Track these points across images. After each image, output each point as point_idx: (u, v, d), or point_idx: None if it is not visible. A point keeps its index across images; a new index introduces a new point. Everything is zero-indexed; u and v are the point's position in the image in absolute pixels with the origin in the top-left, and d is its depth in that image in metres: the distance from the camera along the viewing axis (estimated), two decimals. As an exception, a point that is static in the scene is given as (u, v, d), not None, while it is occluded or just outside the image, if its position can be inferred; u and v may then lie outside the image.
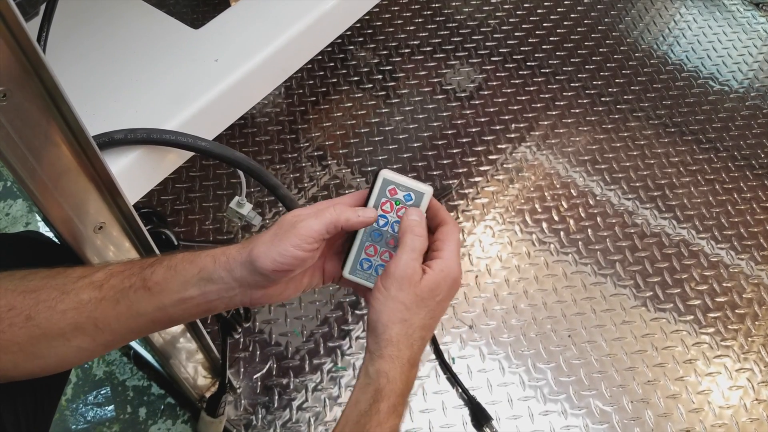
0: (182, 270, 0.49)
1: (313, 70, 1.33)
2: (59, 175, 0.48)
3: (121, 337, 0.52)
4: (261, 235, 0.49)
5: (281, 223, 0.49)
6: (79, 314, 0.49)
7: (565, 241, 1.08)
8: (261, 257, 0.47)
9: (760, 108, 1.30)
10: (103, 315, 0.49)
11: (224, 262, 0.48)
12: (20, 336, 0.49)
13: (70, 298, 0.49)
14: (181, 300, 0.49)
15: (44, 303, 0.49)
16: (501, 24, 1.42)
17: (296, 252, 0.47)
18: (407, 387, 0.50)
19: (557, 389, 0.93)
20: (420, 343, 0.51)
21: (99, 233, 0.55)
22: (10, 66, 0.40)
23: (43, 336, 0.49)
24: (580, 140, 1.22)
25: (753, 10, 1.49)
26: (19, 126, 0.43)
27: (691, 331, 0.99)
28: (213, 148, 0.56)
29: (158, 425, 0.99)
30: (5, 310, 0.48)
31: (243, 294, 0.49)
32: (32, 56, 0.40)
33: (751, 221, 1.13)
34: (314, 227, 0.47)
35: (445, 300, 0.52)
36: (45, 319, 0.49)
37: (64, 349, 0.51)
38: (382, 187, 0.52)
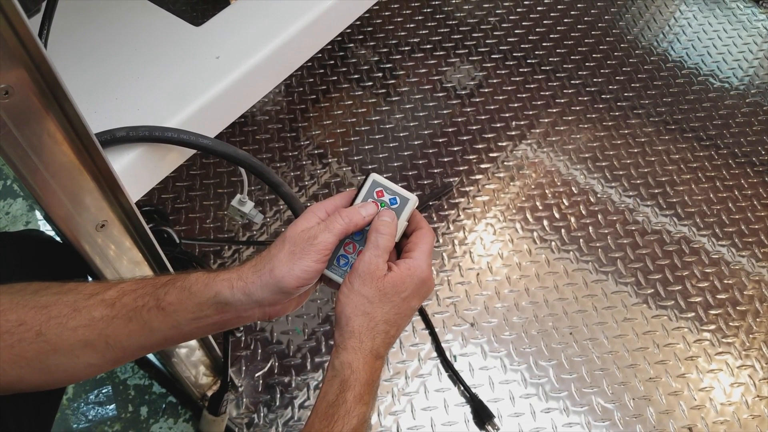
0: (197, 292, 0.49)
1: (313, 68, 1.33)
2: (61, 173, 0.48)
3: (131, 353, 0.52)
4: (275, 255, 0.49)
5: (293, 240, 0.49)
6: (90, 331, 0.49)
7: (566, 239, 1.08)
8: (286, 277, 0.48)
9: (761, 105, 1.30)
10: (114, 333, 0.49)
11: (242, 287, 0.49)
12: (29, 351, 0.49)
13: (81, 315, 0.49)
14: (196, 319, 0.50)
15: (55, 319, 0.49)
16: (501, 21, 1.42)
17: (318, 266, 0.49)
18: (372, 377, 0.51)
19: (559, 386, 0.93)
20: (383, 337, 0.52)
21: (101, 231, 0.54)
22: (12, 63, 0.40)
23: (53, 351, 0.49)
24: (581, 138, 1.22)
25: (753, 6, 1.49)
26: (21, 123, 0.43)
27: (693, 328, 0.99)
28: (215, 146, 0.56)
29: (160, 424, 0.99)
30: (16, 324, 0.48)
31: (260, 312, 0.51)
32: (34, 53, 0.40)
33: (751, 218, 1.13)
34: (330, 240, 0.49)
35: (411, 298, 0.53)
36: (55, 335, 0.49)
37: (73, 365, 0.51)
38: (370, 189, 0.54)
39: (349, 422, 0.49)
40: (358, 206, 0.52)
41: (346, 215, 0.51)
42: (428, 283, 0.54)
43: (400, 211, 0.53)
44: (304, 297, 0.54)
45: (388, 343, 0.53)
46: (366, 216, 0.52)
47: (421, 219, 0.57)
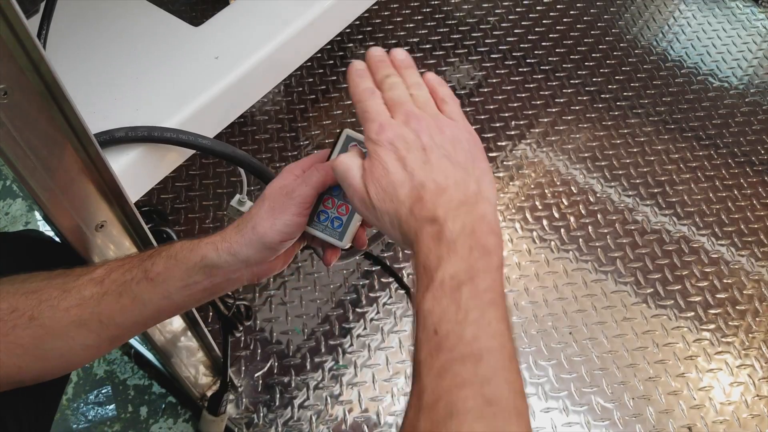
0: (183, 258, 0.49)
1: (312, 68, 1.33)
2: (60, 173, 0.48)
3: (126, 330, 0.52)
4: (256, 213, 0.50)
5: (272, 196, 0.50)
6: (82, 310, 0.49)
7: (565, 239, 1.08)
8: (269, 232, 0.48)
9: (760, 104, 1.30)
10: (106, 309, 0.49)
11: (227, 247, 0.49)
12: (24, 337, 0.49)
13: (72, 295, 0.49)
14: (186, 286, 0.50)
15: (46, 302, 0.49)
16: (500, 21, 1.42)
17: (298, 219, 0.49)
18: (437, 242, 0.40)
19: (558, 386, 0.93)
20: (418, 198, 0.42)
21: (100, 232, 0.54)
22: (11, 64, 0.40)
23: (48, 335, 0.49)
24: (580, 137, 1.22)
25: (752, 6, 1.49)
26: (20, 124, 0.43)
27: (692, 327, 0.99)
28: (214, 146, 0.56)
29: (159, 424, 0.99)
30: (8, 312, 0.48)
31: (248, 272, 0.51)
32: (33, 53, 0.40)
33: (751, 218, 1.13)
34: (308, 193, 0.49)
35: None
36: (48, 318, 0.49)
37: (69, 348, 0.50)
38: (344, 143, 0.54)
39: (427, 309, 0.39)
40: (333, 159, 0.52)
41: (323, 168, 0.51)
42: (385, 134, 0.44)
43: None
44: (288, 255, 0.54)
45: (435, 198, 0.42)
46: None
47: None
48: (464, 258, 0.39)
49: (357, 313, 0.99)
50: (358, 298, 1.01)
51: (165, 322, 0.75)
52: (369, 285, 1.02)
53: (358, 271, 1.04)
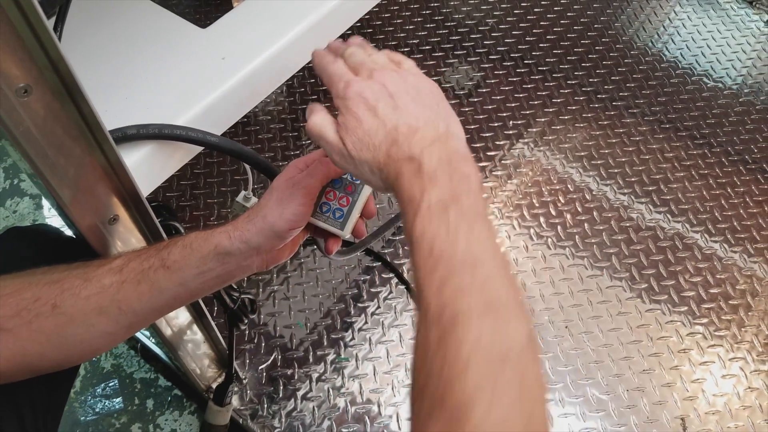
0: (198, 247, 0.52)
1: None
2: (75, 168, 0.50)
3: (143, 317, 0.55)
4: (265, 204, 0.53)
5: (279, 188, 0.53)
6: (102, 298, 0.51)
7: (561, 235, 1.11)
8: (278, 221, 0.52)
9: (753, 104, 1.32)
10: (125, 297, 0.52)
11: (239, 235, 0.52)
12: (47, 325, 0.51)
13: (92, 284, 0.51)
14: (200, 273, 0.52)
15: (68, 291, 0.51)
16: (499, 23, 1.45)
17: (304, 209, 0.53)
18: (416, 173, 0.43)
19: (555, 378, 0.95)
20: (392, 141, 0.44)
21: (113, 225, 0.57)
22: (32, 63, 0.42)
23: (69, 323, 0.51)
24: (577, 137, 1.25)
25: (747, 8, 1.52)
26: (39, 121, 0.45)
27: (686, 321, 1.02)
28: (222, 143, 0.58)
29: (165, 416, 1.01)
30: (32, 301, 0.50)
31: (259, 259, 0.54)
32: (53, 53, 0.42)
33: (744, 215, 1.15)
34: (313, 184, 0.53)
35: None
36: (70, 306, 0.51)
37: (89, 335, 0.53)
38: None
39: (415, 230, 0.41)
40: None
41: (325, 162, 0.54)
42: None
43: None
44: (294, 244, 0.57)
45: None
46: None
47: None
48: (445, 184, 0.42)
49: (358, 307, 1.02)
50: (360, 293, 1.03)
51: (172, 315, 0.78)
52: (370, 280, 1.05)
53: (359, 267, 1.06)
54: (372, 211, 0.62)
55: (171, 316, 0.78)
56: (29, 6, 0.39)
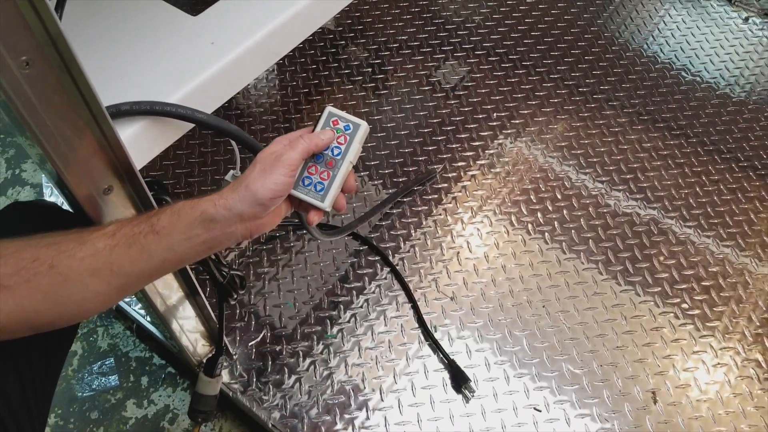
0: (185, 214, 0.56)
1: (306, 64, 1.40)
2: (73, 139, 0.55)
3: (134, 280, 0.59)
4: (248, 175, 0.58)
5: (263, 160, 0.58)
6: (95, 260, 0.56)
7: (541, 221, 1.15)
8: (260, 190, 0.56)
9: (730, 97, 1.37)
10: (117, 260, 0.56)
11: (223, 203, 0.56)
12: (44, 284, 0.55)
13: (87, 247, 0.56)
14: (187, 239, 0.56)
15: (65, 252, 0.55)
16: (485, 20, 1.50)
17: (286, 179, 0.57)
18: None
19: (531, 354, 1.00)
20: None
21: (107, 195, 0.61)
22: (33, 37, 0.47)
23: (64, 282, 0.56)
24: (558, 128, 1.30)
25: (726, 5, 1.57)
26: (39, 92, 0.50)
27: (659, 302, 1.06)
28: (209, 120, 0.63)
29: (159, 392, 1.05)
30: (30, 260, 0.55)
31: (242, 227, 0.58)
32: (52, 29, 0.47)
33: (717, 201, 1.20)
34: (294, 156, 0.58)
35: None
36: (66, 267, 0.55)
37: (83, 295, 0.57)
38: (327, 118, 0.63)
39: None
40: (317, 132, 0.61)
41: (308, 137, 0.60)
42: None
43: (353, 135, 0.63)
44: (276, 215, 0.61)
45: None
46: (324, 139, 0.61)
47: None
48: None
49: (345, 288, 1.06)
50: (346, 275, 1.08)
51: (167, 292, 0.82)
52: (356, 263, 1.09)
53: (346, 251, 1.11)
54: (351, 186, 0.66)
55: (166, 294, 0.82)
56: (31, -15, 0.44)
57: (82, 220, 0.63)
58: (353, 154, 0.64)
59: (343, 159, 0.64)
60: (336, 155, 0.63)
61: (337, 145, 0.64)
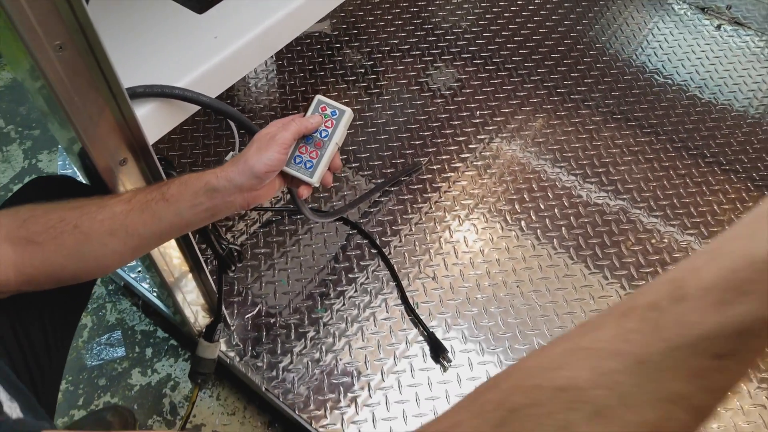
0: (192, 184, 0.66)
1: (303, 65, 1.50)
2: (96, 116, 0.64)
3: (146, 240, 0.68)
4: (246, 152, 0.67)
5: (259, 140, 0.67)
6: (113, 222, 0.65)
7: (518, 209, 1.24)
8: (257, 164, 0.65)
9: (699, 98, 1.46)
10: (131, 222, 0.65)
11: (224, 175, 0.66)
12: (69, 241, 0.64)
13: (106, 210, 0.65)
14: (193, 206, 0.66)
15: (87, 215, 0.65)
16: (471, 26, 1.60)
17: (279, 156, 0.66)
18: None
19: (504, 329, 1.08)
20: None
21: (123, 166, 0.71)
22: (66, 25, 0.56)
23: (86, 240, 0.65)
24: (536, 125, 1.39)
25: (699, 14, 1.66)
26: (70, 73, 0.59)
27: (625, 284, 1.15)
28: (212, 103, 0.72)
29: (162, 362, 1.14)
30: (57, 221, 0.64)
31: (241, 197, 0.67)
32: (82, 18, 0.56)
33: (683, 193, 1.29)
34: (287, 136, 0.67)
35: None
36: (87, 227, 0.64)
37: (102, 252, 0.66)
38: (316, 105, 0.73)
39: None
40: (308, 116, 0.70)
41: (299, 120, 0.69)
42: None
43: (339, 119, 0.73)
44: (271, 188, 0.70)
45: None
46: (313, 122, 0.71)
47: None
48: None
49: (335, 268, 1.15)
50: (337, 257, 1.17)
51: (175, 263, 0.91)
52: (346, 246, 1.18)
53: (337, 235, 1.20)
54: (337, 165, 0.76)
55: (173, 265, 0.91)
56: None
57: (96, 190, 0.73)
58: (339, 136, 0.73)
59: (330, 140, 0.73)
60: (324, 137, 0.73)
61: (324, 129, 0.73)
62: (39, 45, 0.55)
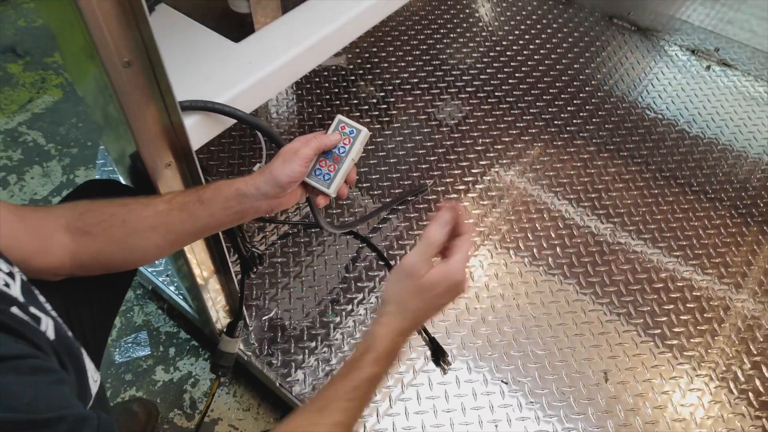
0: (224, 190, 0.76)
1: (321, 94, 1.62)
2: (150, 123, 0.75)
3: (183, 236, 0.78)
4: (272, 163, 0.76)
5: (284, 153, 0.76)
6: (155, 219, 0.75)
7: (516, 230, 1.34)
8: (280, 175, 0.74)
9: (687, 132, 1.57)
10: (171, 220, 0.75)
11: (252, 183, 0.75)
12: (118, 233, 0.74)
13: (150, 208, 0.75)
14: (224, 209, 0.76)
15: (134, 211, 0.75)
16: (476, 63, 1.72)
17: (301, 168, 0.75)
18: (392, 347, 0.66)
19: (501, 337, 1.17)
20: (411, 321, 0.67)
21: (167, 169, 0.82)
22: (134, 43, 0.67)
23: (132, 234, 0.75)
24: (534, 153, 1.50)
25: (689, 56, 1.79)
26: (133, 86, 0.71)
27: (615, 299, 1.24)
28: (246, 117, 0.83)
29: (184, 361, 1.23)
30: (109, 215, 0.74)
31: (266, 203, 0.76)
32: (148, 39, 0.68)
33: (671, 219, 1.38)
34: (308, 152, 0.76)
35: (443, 296, 0.67)
36: (134, 222, 0.75)
37: (146, 245, 0.76)
38: (336, 124, 0.82)
39: (360, 375, 0.65)
40: (328, 134, 0.80)
41: (320, 138, 0.78)
42: (461, 285, 0.66)
43: (356, 138, 0.81)
44: (293, 197, 0.79)
45: (414, 326, 0.68)
46: (333, 139, 0.79)
47: (466, 226, 0.69)
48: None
49: (345, 278, 1.25)
50: (347, 268, 1.27)
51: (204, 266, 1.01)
52: (356, 257, 1.28)
53: (348, 248, 1.30)
54: (352, 179, 0.86)
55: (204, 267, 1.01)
56: (138, 6, 0.65)
57: (139, 192, 0.83)
58: (355, 153, 0.84)
59: (347, 156, 0.83)
60: (341, 153, 0.83)
61: (342, 145, 0.83)
62: (111, 61, 0.67)
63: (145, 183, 0.82)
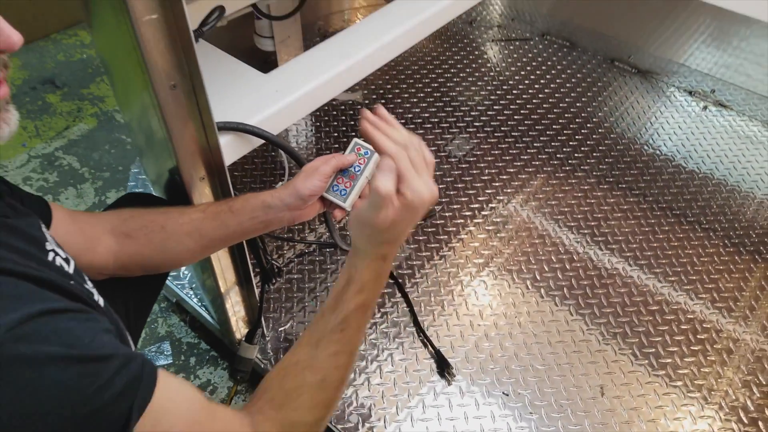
0: (251, 201, 0.85)
1: (337, 126, 1.73)
2: (189, 141, 0.85)
3: (214, 242, 0.86)
4: (295, 179, 0.85)
5: (306, 170, 0.85)
6: (190, 226, 0.84)
7: (518, 253, 1.42)
8: (302, 188, 0.83)
9: (683, 167, 1.66)
10: (204, 227, 0.84)
11: (277, 195, 0.85)
12: (156, 238, 0.84)
13: (185, 216, 0.85)
14: (252, 218, 0.85)
15: (171, 219, 0.84)
16: (483, 100, 1.84)
17: (320, 183, 0.84)
18: (374, 275, 0.68)
19: (502, 351, 1.24)
20: (388, 244, 0.67)
21: (201, 182, 0.91)
22: (180, 68, 0.78)
23: (169, 239, 0.84)
24: (536, 184, 1.59)
25: (686, 96, 1.89)
26: (177, 107, 0.81)
27: (612, 320, 1.31)
28: (273, 138, 0.93)
29: (203, 370, 1.31)
30: (149, 221, 0.84)
31: (289, 214, 0.85)
32: (192, 65, 0.78)
33: (666, 247, 1.46)
34: (327, 169, 0.85)
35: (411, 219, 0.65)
36: (171, 228, 0.84)
37: (180, 249, 0.85)
38: (352, 146, 0.90)
39: (348, 306, 0.67)
40: (345, 155, 0.89)
41: (338, 158, 0.86)
42: (420, 209, 0.64)
43: (370, 158, 0.89)
44: (313, 210, 0.87)
45: (392, 249, 0.68)
46: (349, 159, 0.86)
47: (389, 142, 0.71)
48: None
49: (357, 294, 1.33)
50: (359, 285, 1.35)
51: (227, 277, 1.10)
52: (367, 276, 1.36)
53: (360, 267, 1.38)
54: (366, 195, 0.95)
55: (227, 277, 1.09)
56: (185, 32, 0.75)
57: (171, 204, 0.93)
58: (369, 171, 0.93)
59: (361, 174, 0.93)
60: (357, 171, 0.92)
61: (358, 165, 0.92)
62: (160, 83, 0.77)
63: (179, 196, 0.92)
